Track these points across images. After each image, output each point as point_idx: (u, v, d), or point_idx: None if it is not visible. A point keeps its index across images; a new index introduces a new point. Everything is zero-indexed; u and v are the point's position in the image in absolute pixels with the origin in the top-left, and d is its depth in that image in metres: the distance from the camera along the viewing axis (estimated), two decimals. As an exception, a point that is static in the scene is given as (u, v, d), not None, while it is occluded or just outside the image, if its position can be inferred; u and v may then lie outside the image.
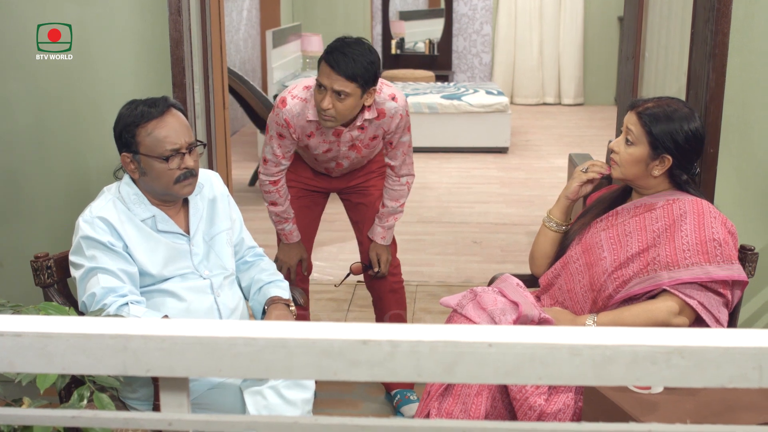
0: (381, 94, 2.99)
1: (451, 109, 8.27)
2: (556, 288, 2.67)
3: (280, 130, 3.02)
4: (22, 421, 1.07)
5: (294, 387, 2.32)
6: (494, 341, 0.89)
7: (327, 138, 3.04)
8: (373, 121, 3.03)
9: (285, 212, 3.21)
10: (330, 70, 2.80)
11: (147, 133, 2.32)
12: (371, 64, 2.82)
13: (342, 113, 2.86)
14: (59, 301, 2.43)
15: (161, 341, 0.91)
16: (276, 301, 2.55)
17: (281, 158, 3.09)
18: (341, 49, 2.81)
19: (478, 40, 11.61)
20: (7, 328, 0.91)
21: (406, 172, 3.24)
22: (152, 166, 2.34)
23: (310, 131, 3.03)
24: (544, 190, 6.83)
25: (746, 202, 3.23)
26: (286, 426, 1.00)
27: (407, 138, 3.15)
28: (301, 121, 2.99)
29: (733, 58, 3.07)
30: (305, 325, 0.93)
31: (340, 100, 2.82)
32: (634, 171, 2.51)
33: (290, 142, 3.06)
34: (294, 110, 2.97)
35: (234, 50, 8.88)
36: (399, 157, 3.18)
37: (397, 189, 3.25)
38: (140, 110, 2.34)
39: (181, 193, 2.39)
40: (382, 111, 3.00)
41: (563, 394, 2.35)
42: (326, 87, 2.81)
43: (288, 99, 2.99)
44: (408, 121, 3.11)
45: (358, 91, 2.83)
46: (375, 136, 3.09)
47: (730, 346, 0.88)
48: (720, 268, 2.36)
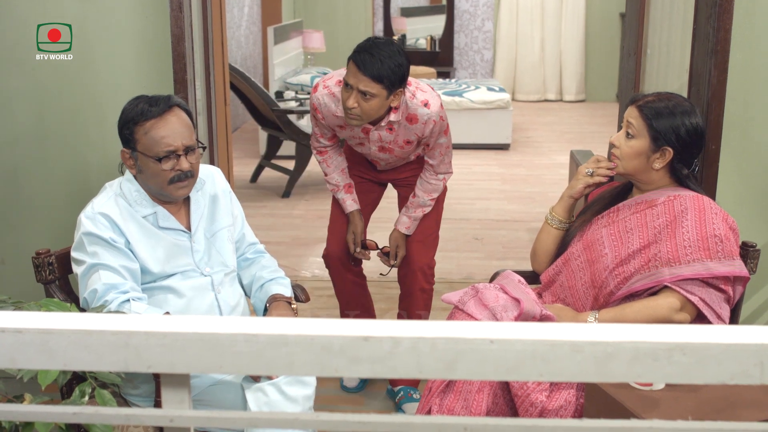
0: (414, 99, 2.97)
1: (453, 106, 8.27)
2: (557, 285, 2.67)
3: (313, 112, 3.11)
4: (23, 417, 1.07)
5: (295, 383, 2.32)
6: (496, 338, 0.89)
7: (356, 134, 3.08)
8: (403, 124, 3.01)
9: (333, 179, 3.27)
10: (357, 70, 2.81)
11: (144, 132, 2.31)
12: (399, 67, 2.82)
13: (367, 113, 2.88)
14: (60, 297, 2.43)
15: (162, 338, 0.91)
16: (278, 298, 2.55)
17: (319, 136, 3.20)
18: (369, 49, 2.81)
19: (479, 37, 11.60)
20: (9, 325, 0.91)
21: (445, 170, 3.25)
22: (147, 165, 2.33)
23: (339, 124, 3.09)
24: (546, 187, 6.83)
25: (748, 199, 3.23)
26: (287, 422, 1.00)
27: (444, 140, 3.16)
28: (329, 113, 3.05)
29: (735, 54, 3.07)
30: (306, 321, 0.93)
31: (366, 100, 2.83)
32: (635, 164, 2.50)
33: (324, 126, 3.14)
34: (322, 100, 3.03)
35: (235, 47, 8.87)
36: (437, 157, 3.19)
37: (433, 183, 3.25)
38: (141, 108, 2.32)
39: (175, 194, 2.38)
40: (414, 116, 2.99)
41: (565, 390, 2.35)
42: (352, 86, 2.83)
43: (320, 87, 3.05)
44: (444, 125, 3.09)
45: (383, 92, 2.83)
46: (409, 141, 3.08)
47: (732, 343, 0.88)
48: (721, 264, 2.36)
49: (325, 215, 3.54)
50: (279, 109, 6.45)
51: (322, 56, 10.07)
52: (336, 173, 3.28)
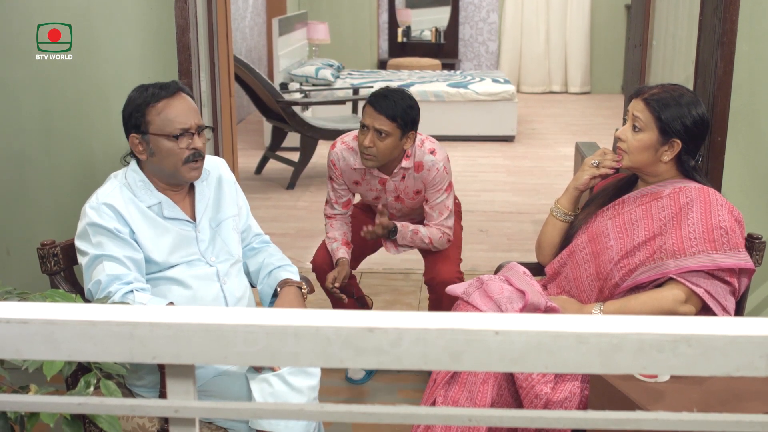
0: (422, 147, 3.18)
1: (458, 98, 8.26)
2: (562, 277, 2.67)
3: (330, 172, 3.27)
4: (29, 407, 1.07)
5: (300, 374, 2.33)
6: (501, 329, 0.89)
7: (373, 186, 3.22)
8: (412, 173, 3.17)
9: (333, 236, 3.33)
10: (372, 110, 3.04)
11: (157, 113, 2.34)
12: (410, 108, 3.06)
13: (382, 152, 3.05)
14: (66, 288, 2.44)
15: (167, 328, 0.91)
16: (289, 283, 2.56)
17: (334, 202, 3.32)
18: (384, 93, 3.09)
19: (484, 28, 11.57)
20: (14, 315, 0.91)
21: (444, 231, 3.26)
22: (161, 146, 2.35)
23: (355, 179, 3.23)
24: (551, 179, 6.82)
25: (754, 191, 3.22)
26: (292, 413, 1.00)
27: (443, 198, 3.21)
28: (347, 167, 3.22)
29: (741, 46, 3.06)
30: (311, 312, 0.93)
31: (381, 139, 3.03)
32: (643, 158, 2.49)
33: (340, 187, 3.27)
34: (340, 154, 3.22)
35: (240, 38, 8.87)
36: (435, 218, 3.25)
37: (434, 229, 3.25)
38: (151, 91, 2.37)
39: (188, 176, 2.40)
40: (420, 164, 3.17)
41: (569, 382, 2.35)
42: (368, 126, 3.04)
43: (338, 144, 3.26)
44: (446, 178, 3.19)
45: (397, 131, 3.04)
46: (418, 190, 3.23)
47: (738, 335, 0.88)
48: (727, 256, 2.36)
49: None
50: (284, 101, 6.45)
51: (326, 47, 10.06)
52: (338, 233, 3.32)
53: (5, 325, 0.91)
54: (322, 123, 6.67)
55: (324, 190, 6.50)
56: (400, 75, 9.34)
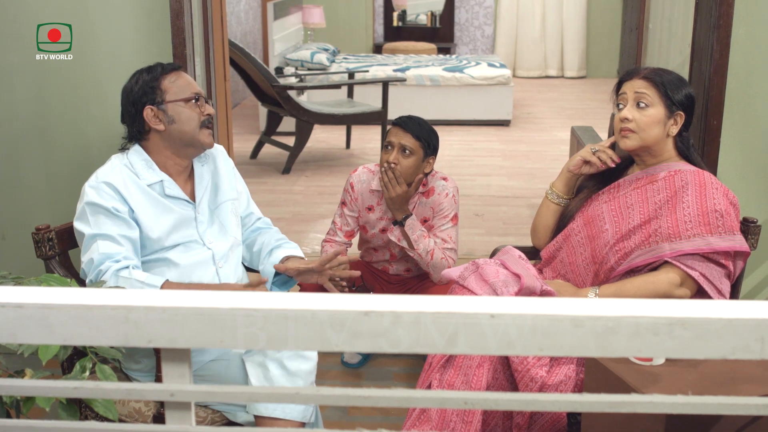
0: (435, 175, 3.26)
1: (453, 82, 8.23)
2: (557, 261, 2.67)
3: (345, 195, 3.30)
4: (24, 392, 1.07)
5: (296, 358, 2.33)
6: (496, 312, 0.89)
7: (386, 215, 3.23)
8: (422, 200, 3.22)
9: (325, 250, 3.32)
10: (399, 130, 3.15)
11: (172, 81, 2.43)
12: (433, 133, 3.19)
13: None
14: (61, 273, 2.44)
15: (162, 312, 0.91)
16: (292, 258, 2.59)
17: (338, 228, 3.31)
18: (409, 116, 3.22)
19: (480, 12, 11.53)
20: (9, 300, 0.91)
21: (447, 255, 3.19)
22: (180, 111, 2.41)
23: (370, 204, 3.25)
24: (547, 163, 6.81)
25: (749, 174, 3.23)
26: (289, 397, 1.01)
27: (448, 227, 3.19)
28: (365, 189, 3.26)
29: (737, 29, 3.05)
30: (307, 296, 0.93)
31: (405, 157, 3.11)
32: (654, 133, 2.49)
33: (349, 213, 3.28)
34: (361, 177, 3.29)
35: (235, 22, 8.83)
36: (439, 244, 3.18)
37: (437, 249, 3.17)
38: (158, 67, 2.44)
39: (205, 141, 2.45)
40: (432, 189, 3.24)
41: (565, 365, 2.35)
42: (393, 145, 3.14)
43: (360, 168, 3.35)
44: (454, 208, 3.21)
45: (420, 152, 3.12)
46: (425, 218, 3.24)
47: (733, 318, 0.88)
48: (722, 239, 2.36)
49: (325, 191, 3.55)
50: (279, 85, 6.43)
51: (322, 32, 10.02)
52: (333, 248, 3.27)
53: (0, 310, 0.91)
54: (317, 107, 6.65)
55: (319, 174, 6.49)
56: (396, 59, 9.31)
